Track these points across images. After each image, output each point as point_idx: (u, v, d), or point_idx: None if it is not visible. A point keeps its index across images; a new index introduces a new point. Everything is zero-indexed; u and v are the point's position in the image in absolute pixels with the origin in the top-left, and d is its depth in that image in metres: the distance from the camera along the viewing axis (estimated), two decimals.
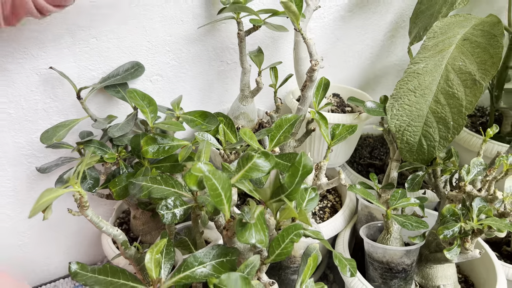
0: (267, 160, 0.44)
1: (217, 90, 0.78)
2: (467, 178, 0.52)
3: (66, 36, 0.62)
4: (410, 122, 0.62)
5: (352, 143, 0.80)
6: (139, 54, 0.68)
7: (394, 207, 0.55)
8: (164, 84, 0.73)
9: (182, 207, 0.48)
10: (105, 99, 0.69)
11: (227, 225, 0.43)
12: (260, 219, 0.42)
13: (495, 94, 0.90)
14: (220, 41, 0.74)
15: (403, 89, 0.64)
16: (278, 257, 0.43)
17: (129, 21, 0.65)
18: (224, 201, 0.39)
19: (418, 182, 0.61)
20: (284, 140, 0.54)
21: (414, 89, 0.63)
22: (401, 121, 0.63)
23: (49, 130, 0.61)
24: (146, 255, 0.41)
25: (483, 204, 0.50)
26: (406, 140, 0.62)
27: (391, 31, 0.89)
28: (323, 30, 0.81)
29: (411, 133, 0.62)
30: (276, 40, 0.78)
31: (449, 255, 0.50)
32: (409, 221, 0.54)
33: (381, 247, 0.58)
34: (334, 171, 0.83)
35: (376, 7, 0.84)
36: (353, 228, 0.72)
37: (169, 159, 0.62)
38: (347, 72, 0.90)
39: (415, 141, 0.62)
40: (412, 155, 0.62)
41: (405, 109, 0.63)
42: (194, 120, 0.61)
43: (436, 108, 0.60)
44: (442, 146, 0.59)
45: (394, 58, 0.93)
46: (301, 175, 0.42)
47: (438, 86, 0.61)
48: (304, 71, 0.69)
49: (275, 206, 0.46)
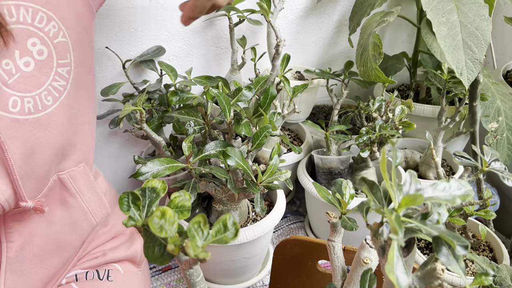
0: (250, 91, 0.72)
1: (214, 67, 1.05)
2: (373, 107, 0.80)
3: (115, 27, 0.89)
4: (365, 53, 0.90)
5: (310, 104, 1.08)
6: (162, 40, 0.95)
7: (330, 131, 0.84)
8: (177, 62, 1.00)
9: (197, 126, 0.75)
10: (139, 70, 0.96)
11: (228, 128, 0.70)
12: (247, 124, 0.69)
13: (412, 71, 1.19)
14: (216, 32, 1.01)
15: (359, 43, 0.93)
16: (257, 146, 0.70)
17: (156, 18, 0.92)
18: (227, 110, 0.67)
19: (347, 118, 0.90)
20: (261, 88, 0.81)
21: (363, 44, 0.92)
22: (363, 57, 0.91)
23: (106, 88, 0.87)
24: (183, 143, 0.67)
25: (382, 123, 0.78)
26: (364, 63, 0.90)
27: (337, 27, 1.18)
28: (287, 26, 1.10)
29: (365, 58, 0.89)
30: (255, 31, 1.06)
31: (363, 154, 0.78)
32: (338, 137, 0.82)
33: (324, 157, 0.85)
34: (298, 126, 1.11)
35: (325, 9, 1.13)
36: (309, 157, 0.99)
37: (185, 106, 0.88)
38: (306, 57, 1.19)
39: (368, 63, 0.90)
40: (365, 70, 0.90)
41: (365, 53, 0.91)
42: (201, 80, 0.88)
43: (370, 49, 0.89)
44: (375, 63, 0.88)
45: (341, 47, 1.22)
46: (270, 97, 0.70)
47: (369, 44, 0.90)
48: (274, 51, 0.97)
49: (255, 121, 0.74)
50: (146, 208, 0.37)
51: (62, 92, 0.53)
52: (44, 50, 0.50)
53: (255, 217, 0.83)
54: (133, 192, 0.37)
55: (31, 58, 0.49)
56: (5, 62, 0.47)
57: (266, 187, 0.67)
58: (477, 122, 0.86)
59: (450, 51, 0.73)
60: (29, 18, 0.48)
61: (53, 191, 0.57)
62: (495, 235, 0.82)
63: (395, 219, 0.31)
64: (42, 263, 0.58)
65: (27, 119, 0.49)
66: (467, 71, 0.73)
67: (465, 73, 0.72)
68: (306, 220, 1.05)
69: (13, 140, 0.48)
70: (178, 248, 0.32)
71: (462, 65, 0.73)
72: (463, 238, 0.32)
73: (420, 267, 0.39)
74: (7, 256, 0.54)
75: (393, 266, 0.31)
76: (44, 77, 0.51)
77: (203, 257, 0.31)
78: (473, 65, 0.73)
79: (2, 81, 0.47)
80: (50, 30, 0.51)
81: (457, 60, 0.74)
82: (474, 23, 0.75)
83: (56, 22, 0.52)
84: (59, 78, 0.53)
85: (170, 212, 0.34)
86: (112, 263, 0.67)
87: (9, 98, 0.47)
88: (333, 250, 0.54)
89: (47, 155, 0.53)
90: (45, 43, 0.50)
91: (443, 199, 0.34)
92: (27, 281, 0.57)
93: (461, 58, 0.73)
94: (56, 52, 0.52)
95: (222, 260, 0.77)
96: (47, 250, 0.58)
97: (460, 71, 0.74)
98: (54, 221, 0.58)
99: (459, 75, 0.74)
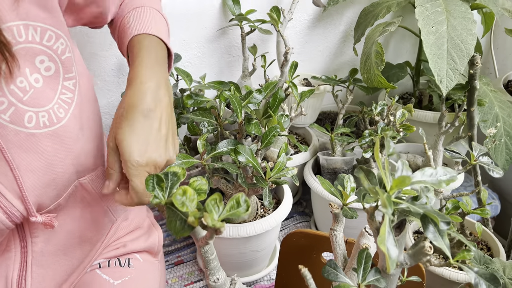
0: (260, 94, 0.77)
1: (226, 73, 1.11)
2: (376, 111, 0.85)
3: None
4: (368, 60, 0.95)
5: (316, 109, 1.13)
6: (179, 48, 1.01)
7: (335, 133, 0.88)
8: (192, 68, 1.06)
9: (211, 127, 0.80)
10: None
11: (239, 128, 0.75)
12: (257, 124, 0.74)
13: (415, 80, 1.24)
14: (228, 41, 1.07)
15: (363, 52, 0.98)
16: (266, 145, 0.75)
17: (173, 27, 0.98)
18: (238, 110, 0.72)
19: (352, 121, 0.94)
20: (270, 92, 0.87)
21: (367, 52, 0.97)
22: (367, 64, 0.95)
23: None
24: (197, 141, 0.72)
25: (384, 126, 0.83)
26: (367, 70, 0.95)
27: (343, 37, 1.23)
28: (296, 35, 1.15)
29: (369, 66, 0.94)
30: (265, 40, 1.12)
31: (366, 155, 0.83)
32: (343, 139, 0.86)
33: (328, 158, 0.90)
34: (305, 130, 1.16)
35: (331, 20, 1.18)
36: (315, 159, 1.04)
37: (199, 109, 0.94)
38: (313, 65, 1.24)
39: (371, 70, 0.94)
40: (369, 76, 0.95)
41: (369, 60, 0.96)
42: (215, 85, 0.93)
43: (373, 57, 0.94)
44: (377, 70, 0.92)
45: (346, 56, 1.27)
46: (279, 99, 0.75)
47: (372, 52, 0.95)
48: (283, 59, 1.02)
49: (265, 121, 0.79)
50: (169, 189, 0.42)
51: (71, 103, 0.55)
52: (51, 66, 0.52)
53: (263, 213, 0.87)
54: (157, 174, 0.42)
55: (39, 75, 0.50)
56: (19, 80, 0.48)
57: (274, 182, 0.71)
58: (475, 127, 0.90)
59: (434, 59, 0.78)
60: (37, 37, 0.49)
61: (73, 194, 0.60)
62: (492, 234, 0.85)
63: (386, 198, 0.36)
64: (66, 256, 0.62)
65: (42, 132, 0.51)
66: (447, 79, 0.77)
67: (445, 81, 0.77)
68: (312, 220, 1.09)
69: (29, 153, 0.50)
70: (197, 220, 0.37)
71: (443, 73, 0.78)
72: (445, 215, 0.36)
73: (411, 247, 0.43)
74: (32, 250, 0.57)
75: (384, 238, 0.36)
76: (52, 92, 0.52)
77: (219, 227, 0.36)
78: (453, 75, 0.78)
79: (17, 98, 0.48)
80: (59, 48, 0.52)
81: (439, 68, 0.79)
82: (461, 36, 0.79)
83: (64, 39, 0.53)
84: (66, 91, 0.54)
85: (190, 191, 0.39)
86: (132, 253, 0.71)
87: (25, 114, 0.49)
88: (335, 239, 0.59)
89: (67, 164, 0.55)
90: (53, 60, 0.52)
91: (430, 183, 0.39)
92: (52, 272, 0.60)
93: (443, 67, 0.78)
94: (63, 67, 0.53)
95: (232, 253, 0.82)
96: (71, 243, 0.62)
97: (440, 79, 0.79)
98: (76, 218, 0.62)
99: (439, 82, 0.79)
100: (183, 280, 0.92)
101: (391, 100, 0.90)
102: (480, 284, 0.37)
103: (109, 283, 0.63)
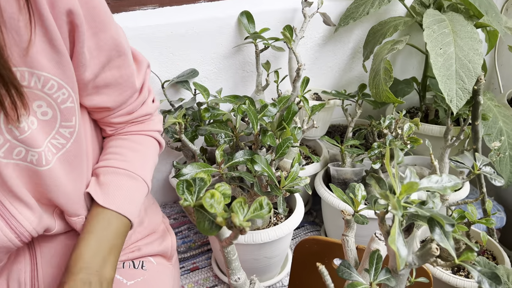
0: (274, 108, 0.81)
1: (241, 88, 1.16)
2: (384, 124, 0.88)
3: (156, 51, 1.00)
4: (377, 77, 0.99)
5: (326, 122, 1.17)
6: (195, 64, 1.06)
7: (345, 145, 0.92)
8: (208, 83, 1.10)
9: (227, 138, 0.85)
10: (174, 90, 1.07)
11: (254, 139, 0.79)
12: (272, 136, 0.79)
13: (421, 95, 1.28)
14: (243, 57, 1.12)
15: (372, 68, 1.02)
16: (280, 155, 0.79)
17: (191, 44, 1.03)
18: (255, 123, 0.76)
19: (361, 134, 0.98)
20: (284, 106, 0.91)
21: (375, 68, 1.01)
22: (376, 80, 0.99)
23: None
24: (216, 151, 0.77)
25: (392, 138, 0.86)
26: (376, 85, 0.99)
27: (352, 54, 1.28)
28: (307, 52, 1.20)
29: (377, 81, 0.98)
30: (278, 57, 1.17)
31: (375, 166, 0.86)
32: (353, 151, 0.90)
33: (339, 169, 0.93)
34: (316, 142, 1.20)
35: (341, 38, 1.23)
36: (325, 170, 1.07)
37: (216, 121, 0.98)
38: (324, 81, 1.29)
39: (380, 86, 0.98)
40: (377, 91, 0.99)
41: (377, 76, 1.00)
42: (230, 99, 0.98)
43: (382, 73, 0.98)
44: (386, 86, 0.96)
45: (355, 72, 1.32)
46: (292, 112, 0.79)
47: (381, 69, 0.99)
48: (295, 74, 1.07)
49: (279, 133, 0.83)
50: (196, 193, 0.46)
51: (60, 149, 0.56)
52: (48, 112, 0.53)
53: (276, 221, 0.90)
54: (187, 179, 0.46)
55: (35, 118, 0.52)
56: None
57: (288, 190, 0.75)
58: (480, 140, 0.94)
59: (444, 80, 0.82)
60: (39, 85, 0.51)
61: None
62: (498, 244, 0.87)
63: (396, 201, 0.39)
64: None
65: (29, 167, 0.53)
66: (457, 99, 0.81)
67: (455, 101, 0.81)
68: (322, 229, 1.12)
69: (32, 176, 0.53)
70: (225, 220, 0.41)
71: (453, 93, 0.82)
72: (450, 218, 0.40)
73: (419, 249, 0.46)
74: (41, 251, 0.61)
75: (395, 239, 0.39)
76: (44, 135, 0.54)
77: (246, 226, 0.39)
78: (462, 94, 0.81)
79: (13, 136, 0.51)
80: (59, 97, 0.53)
81: (449, 89, 0.82)
82: (468, 56, 0.83)
83: (67, 90, 0.54)
84: (59, 137, 0.56)
85: (218, 194, 0.43)
86: (146, 256, 0.74)
87: (15, 148, 0.51)
88: (347, 244, 0.62)
89: (70, 189, 0.58)
90: (51, 106, 0.53)
91: (436, 189, 0.42)
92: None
93: (452, 87, 0.82)
94: (61, 115, 0.54)
95: (247, 259, 0.85)
96: None
97: (451, 99, 0.82)
98: None
99: (449, 101, 0.82)
100: (198, 286, 0.95)
101: (398, 114, 0.93)
102: (483, 282, 0.41)
103: (122, 283, 0.66)
